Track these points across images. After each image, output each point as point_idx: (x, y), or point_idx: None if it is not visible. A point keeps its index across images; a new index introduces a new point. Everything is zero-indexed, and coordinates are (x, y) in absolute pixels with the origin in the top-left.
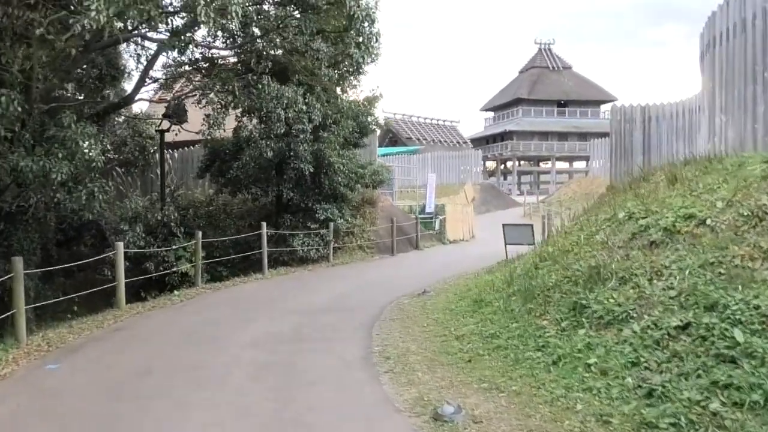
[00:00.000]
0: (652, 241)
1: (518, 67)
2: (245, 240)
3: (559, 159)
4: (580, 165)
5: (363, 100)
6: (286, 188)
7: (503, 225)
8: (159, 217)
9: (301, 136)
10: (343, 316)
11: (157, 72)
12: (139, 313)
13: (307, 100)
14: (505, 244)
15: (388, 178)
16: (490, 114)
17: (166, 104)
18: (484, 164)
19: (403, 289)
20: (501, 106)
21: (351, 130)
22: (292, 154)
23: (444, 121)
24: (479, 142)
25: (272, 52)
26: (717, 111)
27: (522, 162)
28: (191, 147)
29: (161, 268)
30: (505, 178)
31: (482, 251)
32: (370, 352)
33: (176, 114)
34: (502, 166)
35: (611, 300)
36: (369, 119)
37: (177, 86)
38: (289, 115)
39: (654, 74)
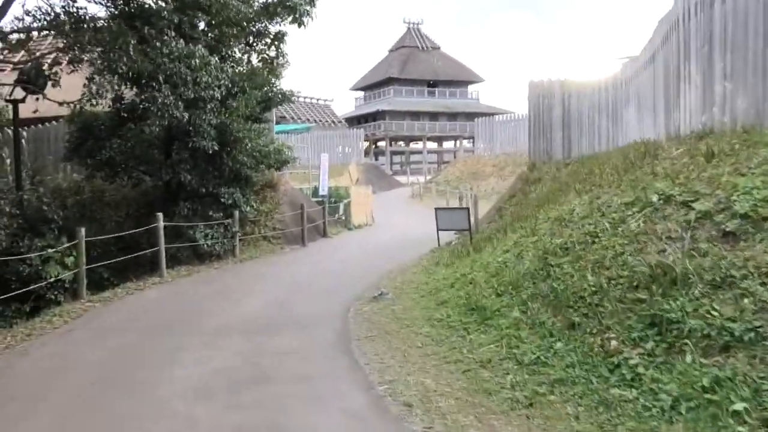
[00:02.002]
0: (727, 231)
1: (388, 46)
2: (131, 236)
3: (430, 139)
4: (448, 145)
5: (265, 67)
6: (182, 170)
7: (436, 209)
8: (14, 210)
9: (209, 106)
10: (299, 335)
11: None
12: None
13: (213, 63)
14: (438, 230)
15: (291, 158)
16: (361, 93)
17: (21, 68)
18: (369, 144)
19: (348, 289)
20: (372, 85)
21: (257, 101)
22: (190, 128)
23: (318, 99)
24: (352, 121)
25: None
26: (717, 78)
27: (393, 142)
28: (48, 124)
29: (22, 276)
30: (376, 158)
31: (395, 237)
32: (378, 396)
33: (34, 79)
34: (374, 146)
35: (715, 313)
36: (274, 90)
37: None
38: (203, 79)
39: (508, 56)
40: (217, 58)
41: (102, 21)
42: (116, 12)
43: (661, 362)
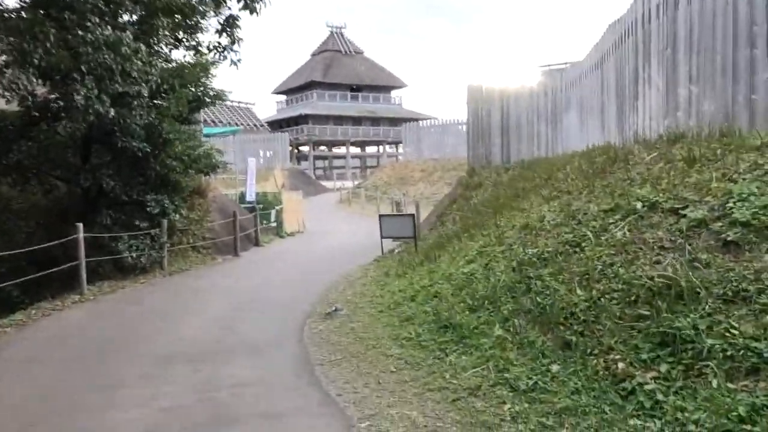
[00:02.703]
0: (728, 240)
1: (310, 50)
2: (45, 249)
3: (353, 144)
4: (372, 150)
5: (196, 64)
6: (104, 175)
7: (380, 216)
8: None
9: (136, 103)
10: (254, 362)
11: None
12: None
13: (143, 52)
14: (381, 237)
15: (222, 163)
16: (283, 97)
17: None
18: (292, 149)
19: (296, 304)
20: (295, 89)
21: (188, 100)
22: (115, 128)
23: (239, 102)
24: (274, 125)
25: None
26: (682, 81)
27: (316, 146)
28: None
29: None
30: (299, 163)
31: (331, 244)
32: None
33: None
34: (297, 151)
35: (734, 331)
36: (204, 89)
37: None
38: (133, 69)
39: (428, 62)
40: (145, 49)
41: (13, 12)
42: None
43: (681, 387)
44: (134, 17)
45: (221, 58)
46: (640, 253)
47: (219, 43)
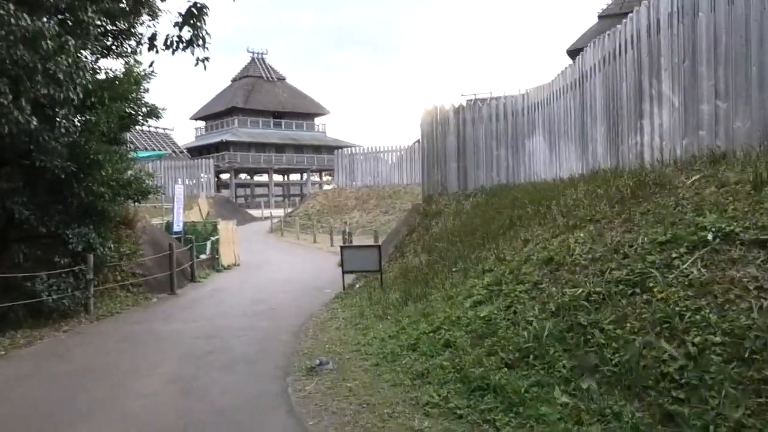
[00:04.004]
0: None
1: (230, 76)
2: None
3: (276, 171)
4: (295, 177)
5: (128, 74)
6: (16, 203)
7: (341, 248)
8: None
9: (62, 113)
10: None
11: None
12: None
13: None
14: (343, 272)
15: (154, 189)
16: (202, 123)
17: None
18: (217, 176)
19: (267, 357)
20: (215, 115)
21: (119, 116)
22: (31, 146)
23: (156, 128)
24: (193, 152)
25: None
26: (705, 96)
27: (237, 174)
28: None
29: None
30: (219, 191)
31: (275, 279)
32: None
33: None
34: (217, 179)
35: None
36: (137, 104)
37: None
38: (60, 69)
39: (347, 93)
40: (73, 43)
41: None
42: None
43: None
44: (61, 4)
45: (182, 51)
46: (731, 295)
47: (180, 38)
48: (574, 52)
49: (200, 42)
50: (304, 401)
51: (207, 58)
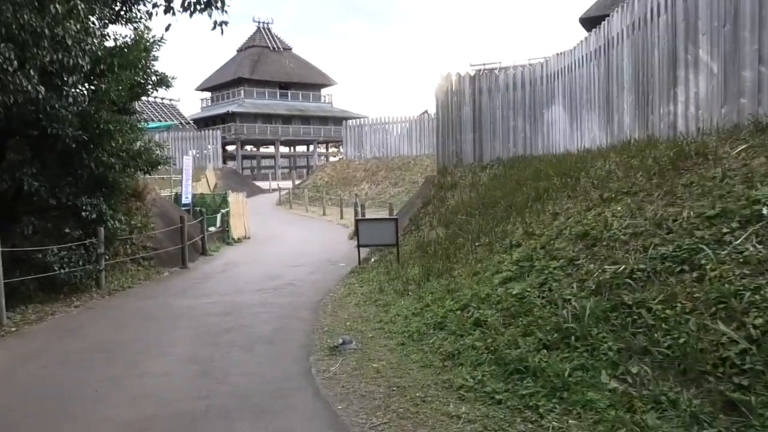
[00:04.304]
0: None
1: (236, 46)
2: None
3: (283, 143)
4: (301, 149)
5: (138, 41)
6: (25, 174)
7: (356, 221)
8: None
9: (72, 80)
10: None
11: None
12: None
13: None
14: (359, 246)
15: (164, 159)
16: (208, 94)
17: None
18: (223, 148)
19: (286, 334)
20: (221, 86)
21: (130, 85)
22: (40, 115)
23: (162, 99)
24: (199, 123)
25: None
26: (748, 62)
27: (244, 146)
28: None
29: None
30: (225, 162)
31: (287, 252)
32: None
33: None
34: (224, 150)
35: None
36: (147, 73)
37: None
38: (69, 33)
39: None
40: (82, 6)
41: None
42: None
43: None
44: None
45: (200, 13)
46: None
47: None
48: (587, 21)
49: (219, 3)
50: (329, 383)
51: (225, 22)
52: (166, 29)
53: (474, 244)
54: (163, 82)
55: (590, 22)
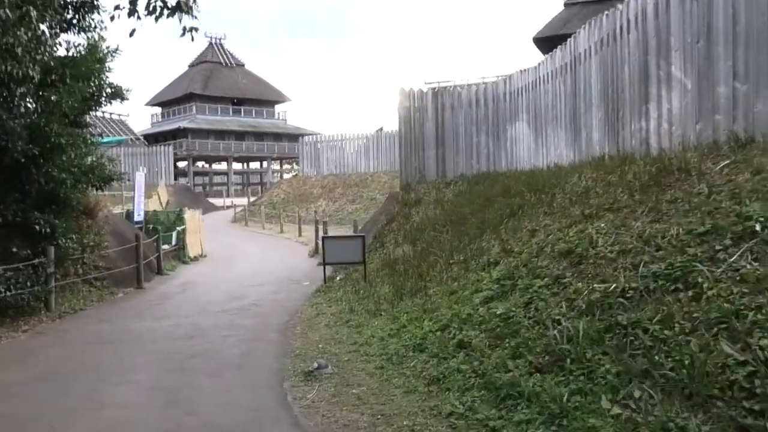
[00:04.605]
0: None
1: (187, 61)
2: None
3: (236, 159)
4: (255, 165)
5: (92, 51)
6: None
7: (323, 238)
8: None
9: (20, 91)
10: None
11: None
12: None
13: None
14: (324, 263)
15: (117, 175)
16: (159, 110)
17: None
18: (175, 164)
19: (256, 359)
20: (172, 101)
21: (83, 97)
22: None
23: (111, 114)
24: (150, 139)
25: None
26: (722, 78)
27: (195, 162)
28: None
29: None
30: (176, 179)
31: (247, 271)
32: None
33: None
34: (174, 167)
35: None
36: (101, 84)
37: None
38: (20, 41)
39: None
40: (35, 13)
41: None
42: None
43: None
44: None
45: (167, 18)
46: None
47: (165, 2)
48: (541, 40)
49: (188, 7)
50: (308, 412)
51: (195, 28)
52: (131, 35)
53: (448, 262)
54: (118, 94)
55: (545, 41)
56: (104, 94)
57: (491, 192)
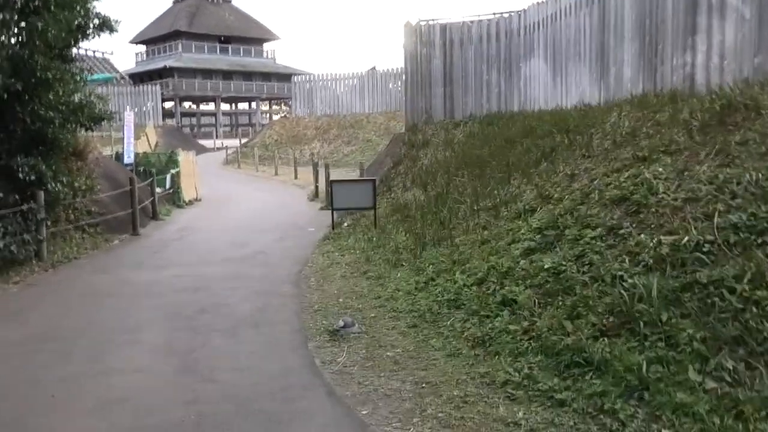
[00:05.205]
0: None
1: None
2: None
3: (224, 100)
4: (243, 106)
5: None
6: None
7: (331, 182)
8: None
9: (1, 17)
10: None
11: None
12: None
13: None
14: (333, 209)
15: (107, 114)
16: (143, 48)
17: None
18: (162, 105)
19: (268, 315)
20: (157, 39)
21: (69, 28)
22: None
23: (95, 51)
24: (135, 79)
25: None
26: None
27: (182, 102)
28: None
29: None
30: (163, 120)
31: (246, 215)
32: None
33: None
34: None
35: None
36: (87, 14)
37: None
38: None
39: (292, 19)
40: None
41: None
42: None
43: None
44: None
45: None
46: None
47: None
48: None
49: None
50: (342, 379)
51: None
52: None
53: (472, 208)
54: (106, 25)
55: None
56: (92, 25)
57: (510, 133)
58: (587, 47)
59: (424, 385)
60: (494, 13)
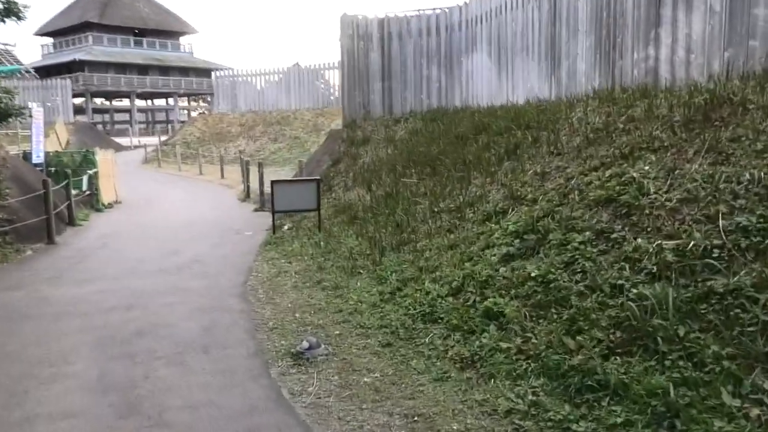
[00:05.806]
0: None
1: None
2: None
3: (139, 96)
4: (160, 102)
5: None
6: None
7: (272, 183)
8: None
9: None
10: None
11: None
12: None
13: None
14: (273, 211)
15: (15, 109)
16: (50, 40)
17: None
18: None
19: (217, 335)
20: (65, 31)
21: None
22: None
23: None
24: (41, 72)
25: None
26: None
27: (94, 98)
28: None
29: None
30: (74, 116)
31: (173, 219)
32: None
33: None
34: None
35: None
36: None
37: None
38: None
39: (210, 12)
40: None
41: None
42: None
43: None
44: None
45: None
46: None
47: None
48: None
49: None
50: (318, 414)
51: None
52: None
53: (432, 210)
54: (11, 11)
55: None
56: None
57: (459, 130)
58: (536, 41)
59: (416, 418)
60: (434, 9)
